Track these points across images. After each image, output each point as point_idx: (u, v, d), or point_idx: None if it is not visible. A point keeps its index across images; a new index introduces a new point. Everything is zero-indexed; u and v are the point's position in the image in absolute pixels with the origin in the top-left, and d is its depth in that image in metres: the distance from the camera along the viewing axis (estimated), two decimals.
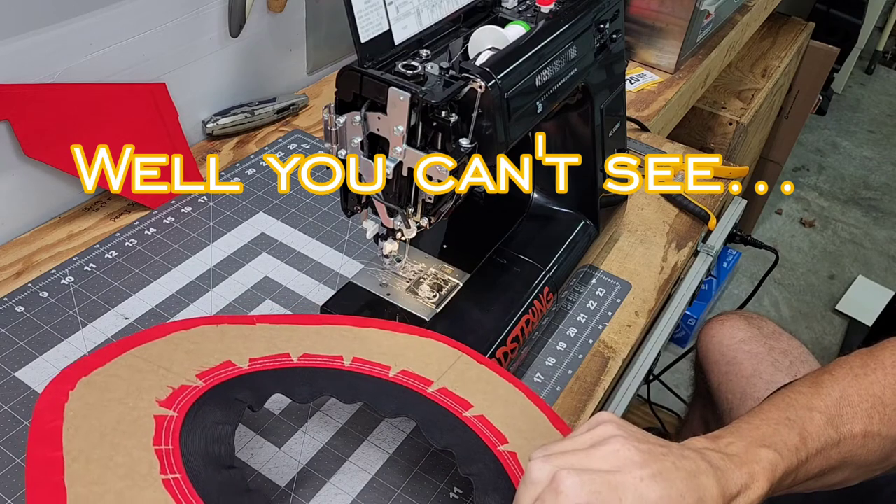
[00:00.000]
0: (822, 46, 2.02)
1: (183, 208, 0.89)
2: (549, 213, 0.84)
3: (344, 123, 0.58)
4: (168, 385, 0.53)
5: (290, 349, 0.61)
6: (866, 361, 0.62)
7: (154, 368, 0.55)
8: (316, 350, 0.62)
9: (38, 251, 0.81)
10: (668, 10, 1.29)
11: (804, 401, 0.58)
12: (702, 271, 0.94)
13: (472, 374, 0.64)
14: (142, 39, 0.86)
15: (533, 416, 0.63)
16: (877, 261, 2.43)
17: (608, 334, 0.81)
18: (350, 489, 0.63)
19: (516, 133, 0.63)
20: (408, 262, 0.73)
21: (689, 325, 1.92)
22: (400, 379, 0.61)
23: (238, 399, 0.55)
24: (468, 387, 0.62)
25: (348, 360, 0.61)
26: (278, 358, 0.60)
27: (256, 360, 0.59)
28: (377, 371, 0.61)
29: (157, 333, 0.58)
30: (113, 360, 0.54)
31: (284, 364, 0.59)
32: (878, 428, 0.58)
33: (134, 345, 0.56)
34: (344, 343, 0.63)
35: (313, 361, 0.60)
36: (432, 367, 0.63)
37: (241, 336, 0.61)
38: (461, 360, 0.64)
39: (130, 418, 0.49)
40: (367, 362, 0.62)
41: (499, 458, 0.57)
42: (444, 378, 0.62)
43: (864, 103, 3.28)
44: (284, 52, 1.08)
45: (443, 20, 0.63)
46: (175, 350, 0.57)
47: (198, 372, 0.56)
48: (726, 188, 1.04)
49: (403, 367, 0.62)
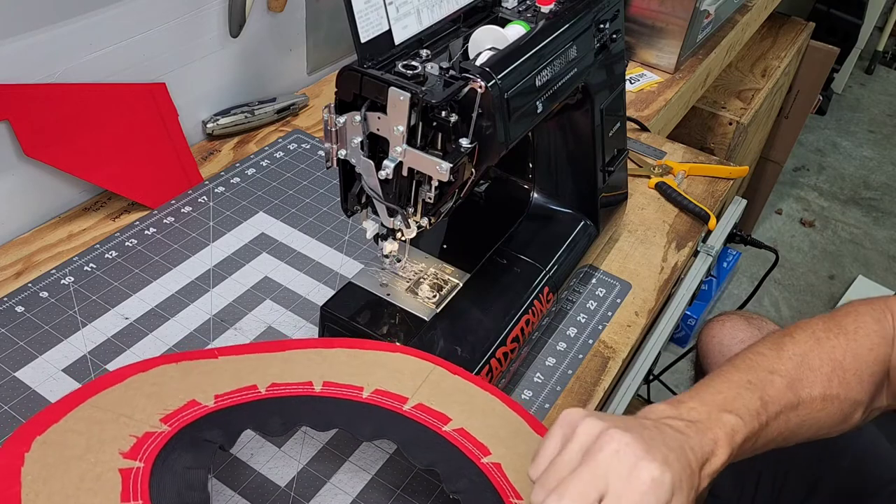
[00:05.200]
0: (822, 46, 2.02)
1: (183, 208, 0.89)
2: (549, 213, 0.84)
3: (344, 123, 0.58)
4: (130, 434, 0.51)
5: (258, 380, 0.59)
6: (829, 326, 0.62)
7: (114, 417, 0.52)
8: (284, 378, 0.59)
9: (38, 251, 0.81)
10: (668, 10, 1.29)
11: (766, 363, 0.58)
12: (702, 271, 0.94)
13: (447, 386, 0.62)
14: (142, 39, 0.86)
15: (513, 423, 0.61)
16: (877, 261, 2.42)
17: (608, 334, 0.81)
18: (350, 489, 0.63)
19: (516, 133, 0.63)
20: (408, 262, 0.73)
21: (689, 325, 1.92)
22: (374, 399, 0.59)
23: (207, 440, 0.53)
24: (444, 399, 0.61)
25: (319, 384, 0.59)
26: (246, 391, 0.57)
27: (223, 395, 0.57)
28: (350, 393, 0.59)
29: (115, 379, 0.56)
30: (69, 413, 0.51)
31: (252, 396, 0.57)
32: (837, 391, 0.58)
33: (90, 394, 0.54)
34: (312, 367, 0.61)
35: (283, 390, 0.58)
36: (406, 383, 0.61)
37: (205, 372, 0.59)
38: (434, 373, 0.63)
39: (93, 475, 0.47)
40: (338, 385, 0.60)
41: (483, 470, 0.56)
42: (419, 393, 0.61)
43: (864, 103, 3.28)
44: (284, 52, 1.08)
45: (443, 20, 0.63)
46: (135, 395, 0.55)
47: (161, 416, 0.53)
48: (726, 188, 1.04)
49: (376, 387, 0.60)
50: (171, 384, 0.57)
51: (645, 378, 0.82)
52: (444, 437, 0.57)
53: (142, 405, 0.54)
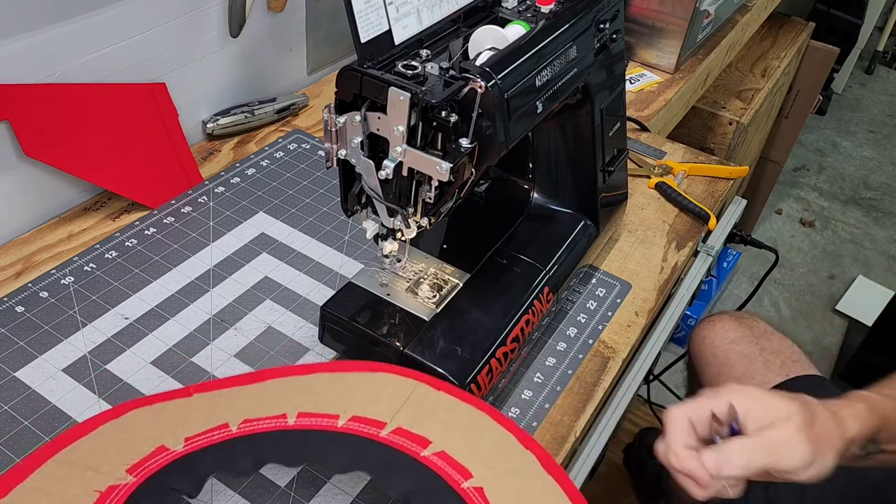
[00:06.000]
0: (822, 46, 2.02)
1: (183, 208, 0.89)
2: (549, 213, 0.84)
3: (344, 123, 0.58)
4: (95, 489, 0.50)
5: (230, 418, 0.58)
6: None
7: (80, 472, 0.51)
8: (257, 413, 0.58)
9: (38, 251, 0.81)
10: (668, 10, 1.29)
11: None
12: (702, 271, 0.94)
13: (430, 404, 0.60)
14: (142, 39, 0.86)
15: (500, 440, 0.59)
16: (877, 261, 2.42)
17: (608, 334, 0.81)
18: (350, 489, 0.63)
19: (516, 133, 0.63)
20: (408, 262, 0.73)
21: (689, 325, 1.92)
22: (350, 427, 0.58)
23: (174, 489, 0.52)
24: (426, 419, 0.59)
25: (293, 417, 0.58)
26: (216, 430, 0.56)
27: (193, 437, 0.56)
28: (324, 423, 0.58)
29: (84, 430, 0.55)
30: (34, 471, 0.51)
31: (223, 436, 0.56)
32: None
33: (58, 448, 0.53)
34: (287, 398, 0.60)
35: (255, 427, 0.57)
36: (385, 406, 0.59)
37: (177, 412, 0.58)
38: (417, 391, 0.61)
39: None
40: (313, 415, 0.58)
41: (463, 497, 0.54)
42: (398, 416, 0.59)
43: (864, 103, 3.28)
44: (284, 52, 1.08)
45: (443, 20, 0.63)
46: (106, 445, 0.54)
47: (128, 466, 0.52)
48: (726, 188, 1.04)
49: (354, 413, 0.59)
50: (141, 430, 0.56)
51: (645, 378, 0.82)
52: (422, 463, 0.56)
53: (109, 455, 0.53)
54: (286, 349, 0.74)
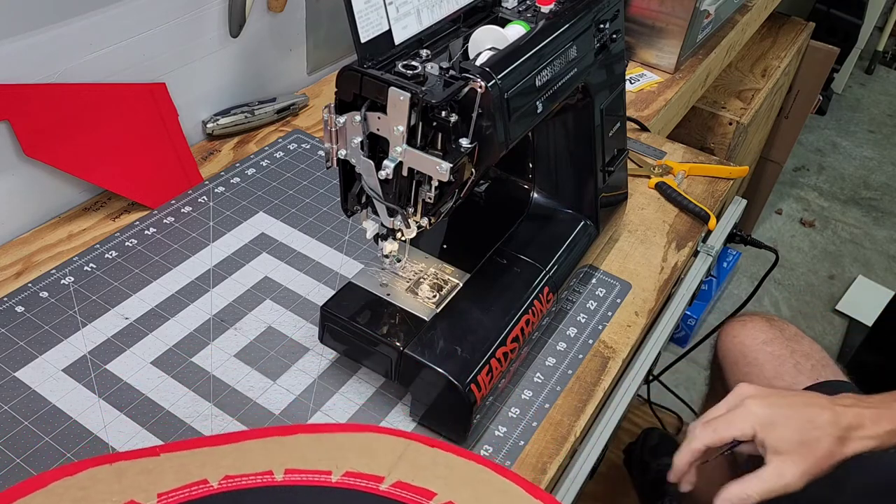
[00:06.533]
0: (822, 46, 2.02)
1: (183, 208, 0.89)
2: (549, 213, 0.84)
3: (344, 123, 0.58)
4: None
5: (208, 474, 0.53)
6: None
7: None
8: (239, 469, 0.53)
9: (38, 251, 0.81)
10: (668, 10, 1.29)
11: None
12: (702, 271, 0.94)
13: (426, 460, 0.57)
14: (142, 39, 0.86)
15: (508, 491, 0.56)
16: (877, 261, 2.42)
17: (608, 334, 0.81)
18: None
19: (516, 133, 0.63)
20: (408, 262, 0.73)
21: (689, 325, 1.92)
22: (345, 482, 0.54)
23: None
24: (425, 474, 0.55)
25: (280, 473, 0.54)
26: (194, 486, 0.51)
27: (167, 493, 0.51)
28: (316, 479, 0.54)
29: (36, 484, 0.51)
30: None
31: (202, 492, 0.51)
32: None
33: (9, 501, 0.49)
34: (271, 456, 0.55)
35: (238, 483, 0.52)
36: (379, 462, 0.55)
37: (144, 471, 0.53)
38: (410, 448, 0.57)
39: None
40: (302, 472, 0.54)
41: None
42: (396, 470, 0.55)
43: (864, 103, 3.28)
44: (284, 52, 1.08)
45: (443, 20, 0.63)
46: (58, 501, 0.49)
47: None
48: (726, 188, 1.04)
49: (347, 469, 0.55)
50: (101, 487, 0.51)
51: (645, 378, 0.82)
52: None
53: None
54: (286, 349, 0.74)
